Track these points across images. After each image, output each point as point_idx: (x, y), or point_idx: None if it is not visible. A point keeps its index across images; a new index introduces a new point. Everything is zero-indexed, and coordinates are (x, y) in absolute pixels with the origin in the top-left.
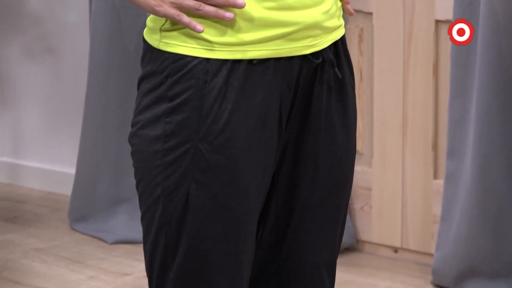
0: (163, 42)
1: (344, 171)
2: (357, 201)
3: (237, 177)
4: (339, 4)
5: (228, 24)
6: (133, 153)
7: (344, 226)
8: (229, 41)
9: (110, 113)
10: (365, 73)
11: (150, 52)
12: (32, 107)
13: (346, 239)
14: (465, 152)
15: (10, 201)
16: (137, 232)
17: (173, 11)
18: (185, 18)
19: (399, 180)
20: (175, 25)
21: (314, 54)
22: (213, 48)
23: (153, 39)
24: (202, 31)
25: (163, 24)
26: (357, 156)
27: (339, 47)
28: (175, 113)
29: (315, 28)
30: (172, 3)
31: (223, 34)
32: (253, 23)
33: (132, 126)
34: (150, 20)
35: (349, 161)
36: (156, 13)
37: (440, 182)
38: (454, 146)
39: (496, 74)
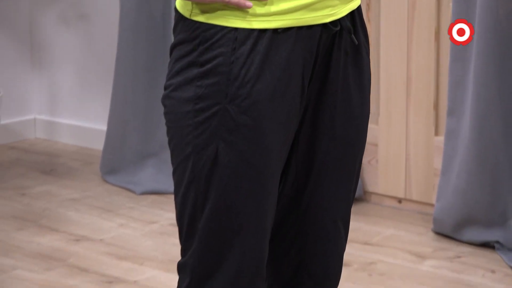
0: (195, 12)
1: (358, 130)
2: (364, 156)
3: (262, 136)
4: None
5: None
6: (165, 113)
7: (358, 180)
8: (256, 12)
9: (138, 74)
10: (373, 39)
11: (182, 22)
12: (67, 69)
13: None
14: (464, 111)
15: (47, 156)
16: (163, 184)
17: None
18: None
19: (403, 136)
20: None
21: (333, 23)
22: (241, 19)
23: (185, 10)
24: (251, 7)
25: None
26: None
27: (355, 16)
28: (206, 77)
29: None
30: None
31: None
32: None
33: (165, 88)
34: None
35: (363, 121)
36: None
37: (441, 138)
38: (454, 106)
39: (493, 39)
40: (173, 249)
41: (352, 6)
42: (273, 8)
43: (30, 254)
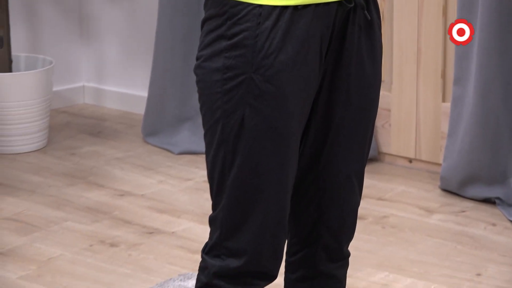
0: None
1: (371, 97)
2: (379, 120)
3: (284, 102)
4: None
5: None
6: (197, 82)
7: (371, 142)
8: None
9: (176, 45)
10: (387, 14)
11: None
12: (113, 41)
13: (370, 151)
14: (468, 80)
15: (94, 119)
16: (198, 145)
17: None
18: None
19: (414, 102)
20: None
21: (348, 0)
22: None
23: None
24: None
25: None
26: None
27: None
28: (233, 49)
29: None
30: None
31: None
32: None
33: (197, 59)
34: None
35: (375, 89)
36: None
37: (448, 104)
38: (459, 75)
39: (495, 14)
40: (207, 204)
41: None
42: None
43: (79, 208)
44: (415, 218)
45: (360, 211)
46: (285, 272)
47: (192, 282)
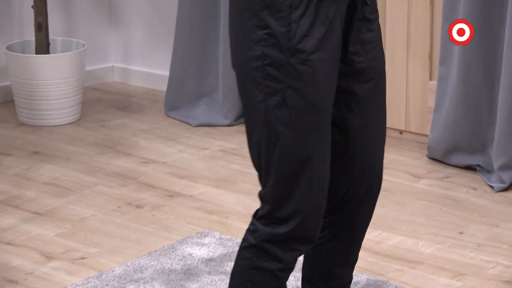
0: None
1: (381, 71)
2: None
3: (318, 80)
4: None
5: None
6: (238, 70)
7: (385, 109)
8: None
9: (194, 30)
10: (380, 2)
11: None
12: (138, 26)
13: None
14: (452, 61)
15: (122, 95)
16: (213, 118)
17: None
18: None
19: (404, 81)
20: None
21: None
22: None
23: None
24: None
25: None
26: None
27: None
28: (269, 38)
29: None
30: None
31: None
32: None
33: (233, 49)
34: None
35: (383, 64)
36: None
37: (434, 82)
38: (445, 56)
39: (476, 5)
40: (222, 170)
41: None
42: None
43: (108, 174)
44: (404, 183)
45: None
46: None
47: (208, 239)
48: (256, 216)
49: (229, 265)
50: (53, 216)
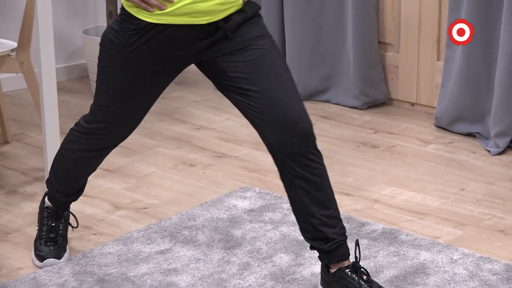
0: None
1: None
2: (389, 74)
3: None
4: None
5: None
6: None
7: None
8: None
9: None
10: None
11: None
12: None
13: (382, 97)
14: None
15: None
16: None
17: None
18: None
19: (415, 61)
20: None
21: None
22: None
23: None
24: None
25: None
26: (388, 45)
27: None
28: None
29: None
30: None
31: None
32: None
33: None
34: None
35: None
36: None
37: (441, 63)
38: (450, 40)
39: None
40: None
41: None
42: None
43: (167, 137)
44: (415, 147)
45: (374, 141)
46: None
47: (250, 193)
48: None
49: (268, 215)
50: (121, 172)
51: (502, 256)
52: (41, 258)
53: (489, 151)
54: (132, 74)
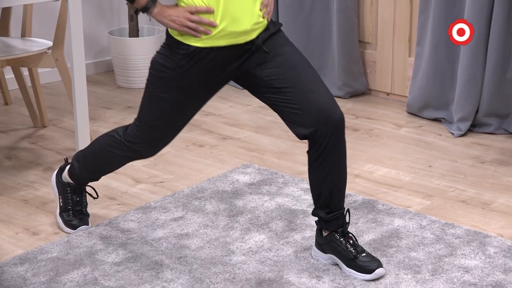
0: None
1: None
2: (368, 68)
3: None
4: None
5: None
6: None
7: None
8: None
9: None
10: (374, 0)
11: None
12: None
13: (362, 88)
14: (425, 42)
15: None
16: None
17: None
18: None
19: (390, 57)
20: None
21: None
22: None
23: None
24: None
25: None
26: (367, 44)
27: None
28: None
29: None
30: None
31: None
32: None
33: None
34: None
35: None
36: None
37: (412, 58)
38: (420, 39)
39: (443, 1)
40: (260, 120)
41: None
42: None
43: None
44: (390, 130)
45: (355, 126)
46: None
47: (250, 169)
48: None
49: (265, 188)
50: None
51: (463, 223)
52: (73, 226)
53: (452, 133)
54: (180, 92)
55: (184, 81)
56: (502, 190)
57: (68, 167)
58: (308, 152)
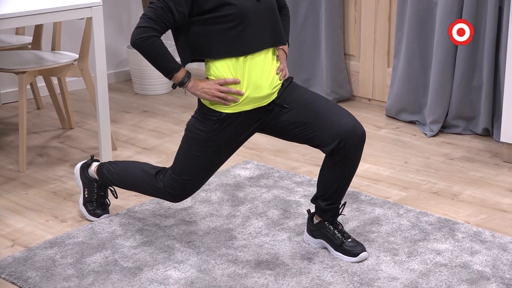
0: None
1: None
2: (352, 77)
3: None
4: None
5: None
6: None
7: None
8: None
9: None
10: (357, 17)
11: None
12: None
13: (347, 94)
14: (401, 55)
15: (200, 76)
16: None
17: None
18: None
19: (371, 68)
20: None
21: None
22: None
23: None
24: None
25: None
26: (352, 56)
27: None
28: None
29: None
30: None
31: None
32: None
33: None
34: None
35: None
36: None
37: (390, 69)
38: (396, 53)
39: (416, 11)
40: None
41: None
42: None
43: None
44: (371, 131)
45: None
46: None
47: (250, 165)
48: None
49: (263, 181)
50: (155, 150)
51: (435, 211)
52: (96, 215)
53: (425, 134)
54: (213, 151)
55: (216, 142)
56: (468, 183)
57: (96, 165)
58: (328, 155)
